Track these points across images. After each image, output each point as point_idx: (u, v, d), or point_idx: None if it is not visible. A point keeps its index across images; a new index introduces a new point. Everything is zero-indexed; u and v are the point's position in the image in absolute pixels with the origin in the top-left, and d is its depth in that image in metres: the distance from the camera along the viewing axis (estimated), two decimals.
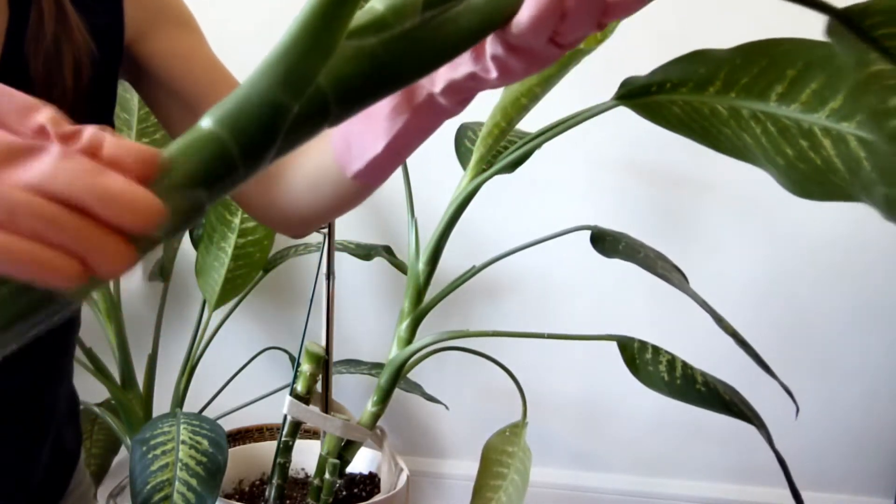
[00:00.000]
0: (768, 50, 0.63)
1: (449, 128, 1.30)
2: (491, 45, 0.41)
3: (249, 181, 0.61)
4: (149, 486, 0.99)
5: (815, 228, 1.54)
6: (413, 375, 1.52)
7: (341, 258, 1.39)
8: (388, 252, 1.48)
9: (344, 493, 1.27)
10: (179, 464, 1.02)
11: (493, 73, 0.42)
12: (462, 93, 0.47)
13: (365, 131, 0.53)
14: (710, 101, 0.65)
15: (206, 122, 0.30)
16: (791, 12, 1.64)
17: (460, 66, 0.44)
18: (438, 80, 0.46)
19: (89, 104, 0.62)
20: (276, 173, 0.67)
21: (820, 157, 0.58)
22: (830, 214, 1.53)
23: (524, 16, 0.38)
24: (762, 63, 0.63)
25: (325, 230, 1.24)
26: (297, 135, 0.32)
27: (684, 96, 0.67)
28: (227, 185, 0.31)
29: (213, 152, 0.30)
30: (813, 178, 0.59)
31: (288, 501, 1.27)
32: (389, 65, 0.34)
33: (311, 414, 1.18)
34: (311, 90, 0.32)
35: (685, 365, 1.00)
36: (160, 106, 0.70)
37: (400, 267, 1.44)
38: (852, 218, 1.52)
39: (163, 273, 1.56)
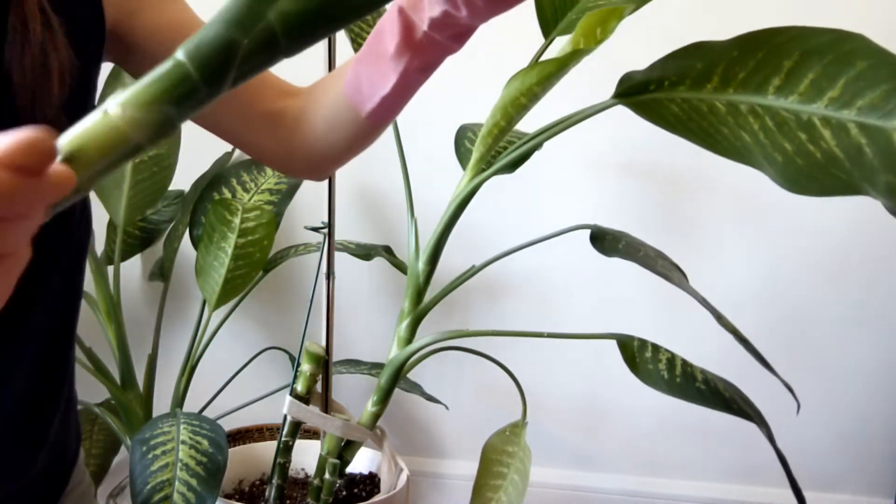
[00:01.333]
0: (765, 41, 0.63)
1: (449, 128, 1.30)
2: None
3: (268, 136, 0.70)
4: (149, 486, 0.99)
5: (815, 228, 1.54)
6: (413, 375, 1.52)
7: (341, 258, 1.39)
8: (388, 252, 1.48)
9: (344, 493, 1.27)
10: (179, 464, 1.02)
11: (463, 11, 0.49)
12: (449, 29, 0.53)
13: (374, 73, 0.59)
14: (709, 98, 0.65)
15: (178, 54, 0.38)
16: (791, 9, 1.64)
17: (435, 5, 0.51)
18: (423, 18, 0.53)
19: (71, 109, 0.62)
20: (295, 124, 0.70)
21: (819, 149, 0.58)
22: (830, 214, 1.53)
23: None
24: (759, 55, 0.63)
25: (325, 230, 1.24)
26: (251, 64, 0.38)
27: (682, 94, 0.67)
28: (193, 104, 0.38)
29: (178, 77, 0.37)
30: (811, 174, 0.58)
31: (288, 501, 1.27)
32: (334, 1, 0.40)
33: (311, 414, 1.18)
34: (261, 27, 0.38)
35: (685, 363, 1.00)
36: None
37: (400, 267, 1.44)
38: (852, 218, 1.52)
39: (163, 273, 1.56)
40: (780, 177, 0.60)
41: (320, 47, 1.19)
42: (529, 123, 1.07)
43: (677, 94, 0.67)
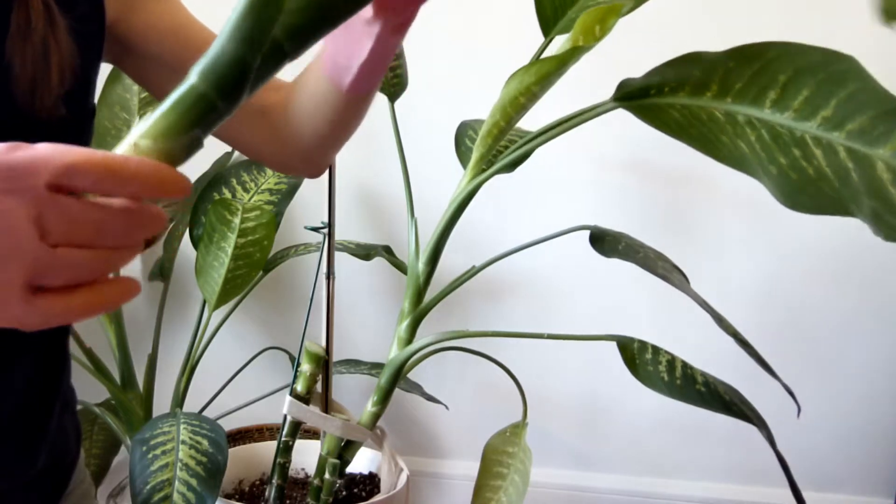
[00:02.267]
0: (757, 54, 0.64)
1: (449, 127, 1.30)
2: None
3: (260, 131, 0.72)
4: (149, 486, 0.99)
5: (817, 229, 1.54)
6: (413, 375, 1.51)
7: (341, 258, 1.39)
8: (388, 252, 1.48)
9: (344, 493, 1.27)
10: (179, 464, 1.02)
11: None
12: None
13: (347, 44, 0.60)
14: (708, 106, 0.66)
15: (192, 78, 0.39)
16: (784, 16, 1.64)
17: None
18: None
19: (70, 104, 0.63)
20: (283, 116, 0.71)
21: (812, 166, 0.59)
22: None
23: None
24: (755, 66, 0.64)
25: (325, 230, 1.24)
26: (262, 75, 0.41)
27: (682, 100, 0.68)
28: (215, 120, 0.40)
29: (198, 100, 0.39)
30: (804, 189, 0.59)
31: (288, 501, 1.27)
32: (331, 6, 0.42)
33: (311, 414, 1.18)
34: (270, 42, 0.40)
35: (685, 365, 1.00)
36: (152, 80, 0.72)
37: (400, 267, 1.44)
38: (853, 220, 1.52)
39: (163, 273, 1.56)
40: (776, 189, 0.60)
41: None
42: (530, 123, 1.07)
43: (677, 100, 0.68)
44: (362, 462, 1.35)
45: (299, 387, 1.19)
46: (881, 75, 0.60)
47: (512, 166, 1.04)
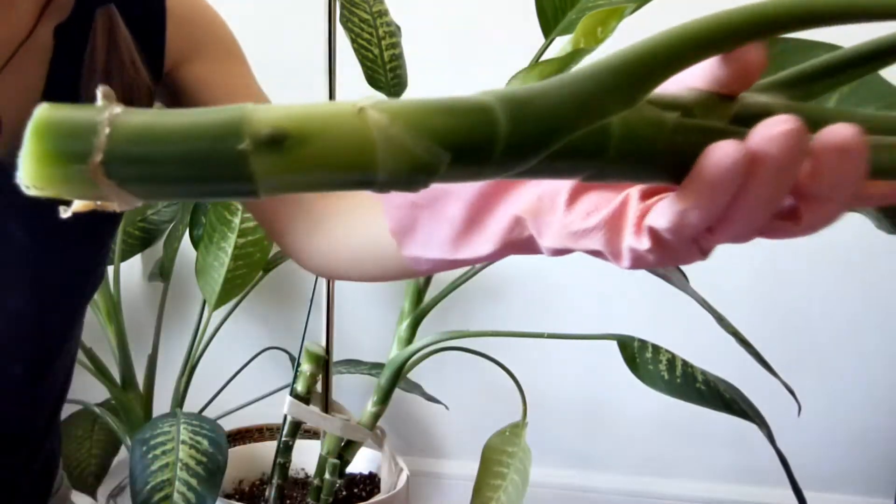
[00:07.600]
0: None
1: None
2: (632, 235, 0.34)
3: (288, 219, 0.64)
4: (149, 486, 0.99)
5: None
6: (413, 375, 1.51)
7: None
8: None
9: (344, 493, 1.27)
10: (179, 463, 1.02)
11: (626, 262, 0.35)
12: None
13: (435, 232, 0.45)
14: None
15: (487, 96, 0.28)
16: None
17: (586, 241, 0.37)
18: (553, 237, 0.38)
19: None
20: (321, 226, 0.62)
21: None
22: None
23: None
24: None
25: None
26: (562, 159, 0.30)
27: None
28: (466, 167, 0.28)
29: (482, 120, 0.28)
30: None
31: (288, 501, 1.27)
32: (676, 147, 0.32)
33: (311, 414, 1.18)
34: (599, 125, 0.30)
35: (685, 363, 1.00)
36: None
37: None
38: (855, 218, 1.52)
39: (163, 273, 1.56)
40: None
41: (320, 70, 1.19)
42: None
43: None
44: (362, 462, 1.35)
45: (299, 387, 1.19)
46: (885, 70, 0.60)
47: None
